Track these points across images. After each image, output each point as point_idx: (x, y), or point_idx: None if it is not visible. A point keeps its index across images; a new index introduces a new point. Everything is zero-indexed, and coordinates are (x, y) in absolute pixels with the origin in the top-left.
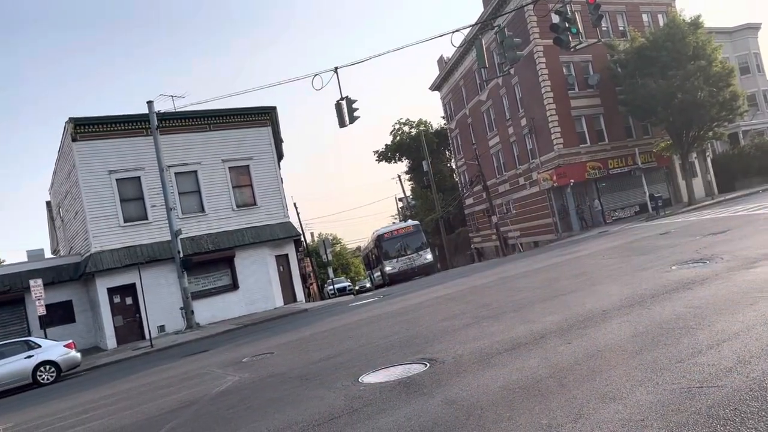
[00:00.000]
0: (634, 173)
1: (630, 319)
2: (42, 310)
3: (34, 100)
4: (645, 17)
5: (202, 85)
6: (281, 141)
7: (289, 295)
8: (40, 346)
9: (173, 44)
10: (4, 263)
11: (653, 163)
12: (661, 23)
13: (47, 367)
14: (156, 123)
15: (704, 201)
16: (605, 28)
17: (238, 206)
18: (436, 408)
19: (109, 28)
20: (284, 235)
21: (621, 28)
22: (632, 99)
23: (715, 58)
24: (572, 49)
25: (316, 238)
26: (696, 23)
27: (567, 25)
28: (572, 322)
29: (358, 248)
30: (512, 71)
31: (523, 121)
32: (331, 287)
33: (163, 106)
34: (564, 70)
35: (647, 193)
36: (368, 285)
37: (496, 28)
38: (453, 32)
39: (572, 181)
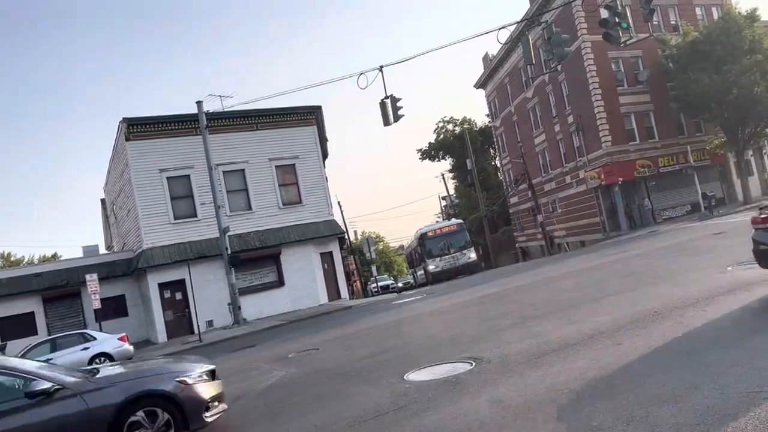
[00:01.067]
0: (686, 171)
1: (683, 321)
2: (97, 304)
3: (89, 101)
4: (698, 11)
5: (249, 85)
6: (326, 140)
7: (333, 292)
8: (95, 339)
9: (219, 45)
10: (62, 258)
11: (706, 161)
12: (716, 17)
13: (102, 359)
14: (205, 122)
15: (761, 200)
16: (656, 23)
17: (283, 204)
18: (483, 407)
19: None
20: (329, 232)
21: (673, 23)
22: (684, 95)
23: None
24: (622, 45)
25: (359, 236)
26: (752, 16)
27: (617, 20)
28: (622, 323)
29: (401, 246)
30: (559, 68)
31: (570, 119)
32: (375, 285)
33: (211, 106)
34: (613, 66)
35: (699, 192)
36: (411, 281)
37: (543, 24)
38: (499, 29)
39: (620, 179)
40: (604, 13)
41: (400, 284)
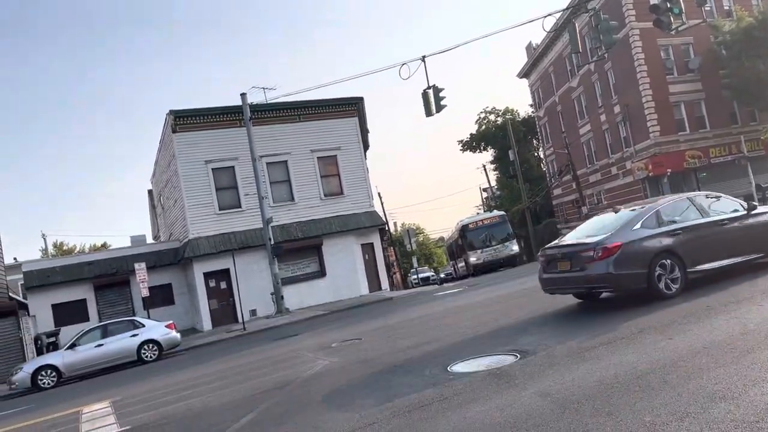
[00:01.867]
0: (739, 162)
1: (738, 315)
2: (146, 292)
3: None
4: None
5: (292, 77)
6: (367, 131)
7: (374, 283)
8: (144, 326)
9: (262, 38)
10: (111, 247)
11: (761, 152)
12: None
13: (150, 345)
14: (249, 114)
15: None
16: (709, 8)
17: (325, 195)
18: (529, 400)
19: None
20: (370, 224)
21: (726, 8)
22: (738, 82)
23: None
24: (673, 32)
25: (399, 228)
26: None
27: (668, 6)
28: (672, 318)
29: (441, 238)
30: (606, 56)
31: (617, 108)
32: (415, 276)
33: (255, 98)
34: (662, 54)
35: (753, 184)
36: (451, 273)
37: (590, 12)
38: (545, 17)
39: (669, 170)
40: None
41: (442, 275)
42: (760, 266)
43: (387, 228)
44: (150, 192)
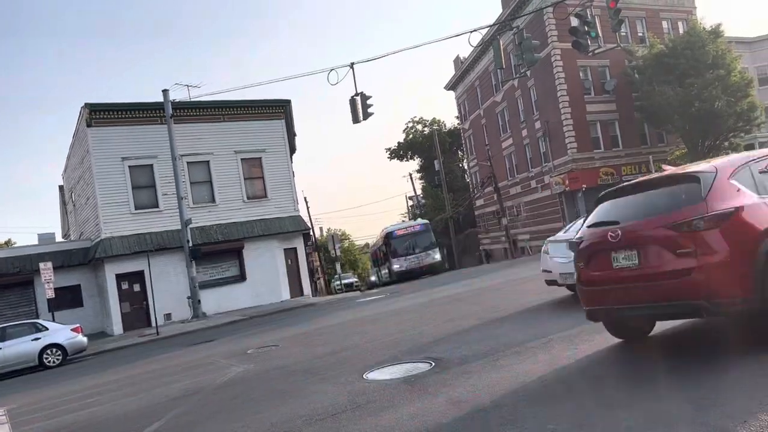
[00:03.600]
0: None
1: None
2: (51, 293)
3: (50, 85)
4: (665, 24)
5: (217, 76)
6: (294, 134)
7: (296, 288)
8: (47, 329)
9: (189, 35)
10: (15, 245)
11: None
12: (681, 30)
13: (54, 350)
14: (171, 112)
15: None
16: (624, 34)
17: (248, 198)
18: (441, 407)
19: (124, 16)
20: (293, 228)
21: (640, 34)
22: (648, 106)
23: (734, 68)
24: (590, 54)
25: (325, 233)
26: (716, 32)
27: (586, 29)
28: (581, 328)
29: (367, 245)
30: (529, 73)
31: (538, 124)
32: (339, 282)
33: (178, 95)
34: (581, 74)
35: None
36: (374, 279)
37: (514, 30)
38: (471, 32)
39: (584, 186)
40: (575, 22)
41: (373, 278)
42: None
43: (312, 233)
44: (61, 188)
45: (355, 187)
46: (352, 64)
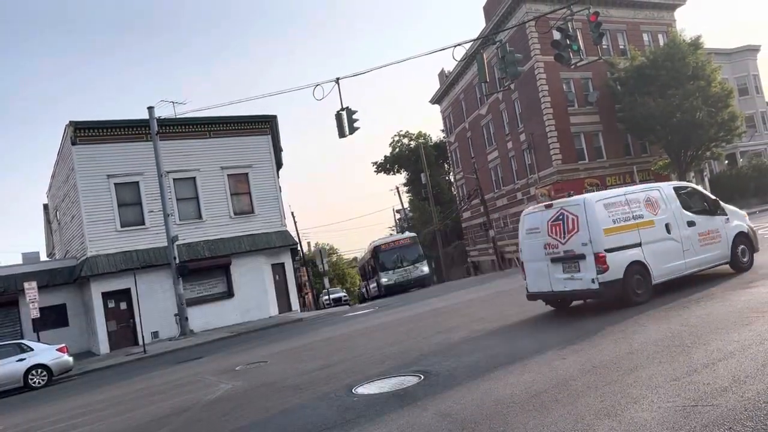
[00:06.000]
0: None
1: (626, 336)
2: (36, 313)
3: (35, 102)
4: (645, 36)
5: (203, 92)
6: (281, 150)
7: (284, 304)
8: (32, 350)
9: (175, 52)
10: None
11: (651, 181)
12: (662, 43)
13: (39, 370)
14: (156, 128)
15: None
16: (606, 46)
17: (235, 214)
18: (429, 421)
19: (110, 32)
20: (281, 243)
21: (621, 47)
22: (631, 117)
23: (714, 79)
24: (573, 66)
25: (312, 248)
26: (696, 44)
27: (568, 42)
28: (569, 338)
29: (355, 259)
30: (512, 86)
31: (522, 137)
32: (327, 297)
33: (163, 112)
34: (564, 87)
35: None
36: (344, 296)
37: (497, 43)
38: (455, 46)
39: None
40: (557, 35)
41: (338, 296)
42: None
43: (299, 248)
44: (46, 206)
45: (343, 201)
46: (338, 79)
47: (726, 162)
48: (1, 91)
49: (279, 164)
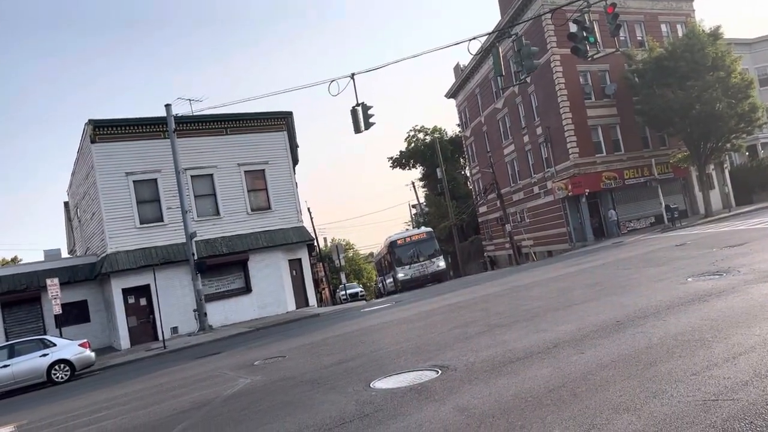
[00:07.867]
0: (650, 184)
1: (644, 330)
2: (58, 309)
3: (55, 102)
4: (663, 27)
5: (220, 90)
6: (296, 146)
7: (301, 299)
8: (55, 345)
9: (192, 49)
10: (22, 262)
11: (669, 174)
12: (680, 33)
13: (62, 365)
14: (173, 126)
15: (721, 213)
16: (623, 38)
17: (252, 210)
18: (448, 415)
19: (127, 32)
20: (298, 239)
21: (639, 38)
22: (649, 109)
23: (734, 70)
24: (589, 59)
25: (329, 243)
26: (715, 34)
27: (585, 35)
28: (586, 332)
29: (371, 254)
30: (528, 80)
31: (539, 130)
32: (343, 292)
33: (180, 109)
34: (581, 80)
35: (663, 204)
36: (361, 291)
37: (513, 37)
38: (470, 40)
39: (587, 190)
40: (573, 28)
41: (354, 291)
42: None
43: (316, 243)
44: (66, 204)
45: (359, 197)
46: (353, 74)
47: (747, 154)
48: (22, 89)
49: (295, 160)
